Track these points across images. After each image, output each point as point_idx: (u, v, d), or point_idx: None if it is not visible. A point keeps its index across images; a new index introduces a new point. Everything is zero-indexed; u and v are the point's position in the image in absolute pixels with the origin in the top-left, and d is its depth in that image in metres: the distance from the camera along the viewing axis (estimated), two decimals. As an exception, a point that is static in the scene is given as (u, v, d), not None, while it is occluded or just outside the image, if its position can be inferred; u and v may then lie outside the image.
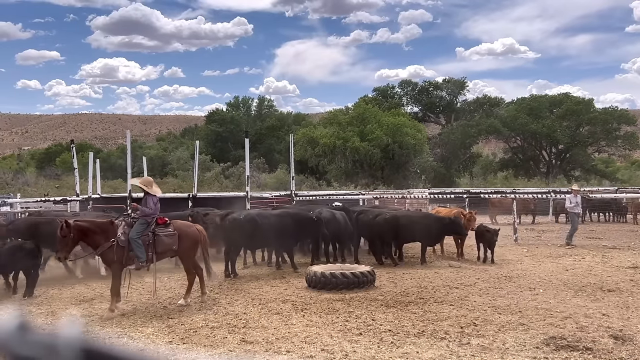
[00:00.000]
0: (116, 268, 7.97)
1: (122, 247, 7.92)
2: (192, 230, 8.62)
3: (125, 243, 7.92)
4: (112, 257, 7.92)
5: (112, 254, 7.89)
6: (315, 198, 18.99)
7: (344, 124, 42.82)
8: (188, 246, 8.46)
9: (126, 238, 7.93)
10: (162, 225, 8.27)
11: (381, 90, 53.08)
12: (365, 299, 8.45)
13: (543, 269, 11.25)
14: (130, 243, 7.93)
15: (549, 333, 6.50)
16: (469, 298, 8.55)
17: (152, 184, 8.50)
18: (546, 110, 46.95)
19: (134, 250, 7.94)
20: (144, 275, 10.26)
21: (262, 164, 45.97)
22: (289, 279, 10.32)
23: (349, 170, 40.50)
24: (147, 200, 8.28)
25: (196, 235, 8.60)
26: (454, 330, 6.70)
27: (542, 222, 22.71)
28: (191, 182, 19.81)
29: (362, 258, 12.31)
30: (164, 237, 8.18)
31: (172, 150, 52.80)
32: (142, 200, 8.38)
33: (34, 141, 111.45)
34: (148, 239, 8.07)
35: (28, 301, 8.72)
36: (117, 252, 7.88)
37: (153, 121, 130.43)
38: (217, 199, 17.32)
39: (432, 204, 21.48)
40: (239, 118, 54.67)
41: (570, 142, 46.71)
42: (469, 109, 51.06)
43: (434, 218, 12.92)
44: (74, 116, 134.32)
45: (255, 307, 8.04)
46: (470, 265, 11.91)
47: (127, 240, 7.93)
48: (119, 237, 7.91)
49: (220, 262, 11.13)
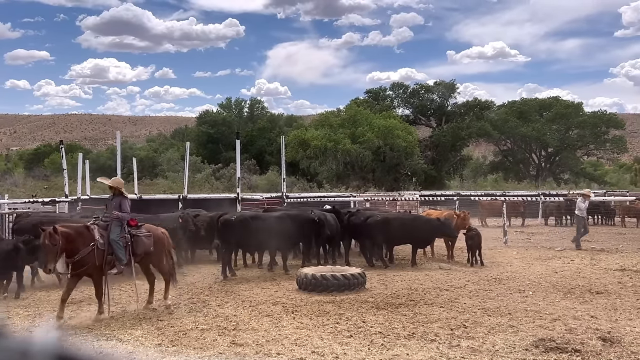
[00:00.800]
0: (97, 274, 7.62)
1: (102, 250, 7.59)
2: (160, 233, 8.50)
3: (104, 246, 7.59)
4: (93, 262, 7.51)
5: (93, 258, 7.51)
6: (307, 200, 18.97)
7: (336, 126, 42.86)
8: (160, 248, 8.33)
9: (105, 241, 7.62)
10: (135, 227, 8.02)
11: (373, 92, 53.21)
12: (355, 301, 8.45)
13: (532, 272, 11.31)
14: (110, 246, 7.64)
15: (538, 335, 6.54)
16: (459, 300, 8.57)
17: (122, 184, 8.22)
18: (536, 113, 47.30)
19: (116, 253, 7.67)
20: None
21: (253, 165, 45.86)
22: (279, 281, 10.29)
23: (340, 172, 40.53)
24: (122, 203, 7.97)
25: (164, 237, 8.48)
26: (444, 332, 6.72)
27: (531, 224, 22.85)
28: (181, 184, 19.72)
29: (353, 260, 12.30)
30: (143, 238, 7.98)
31: (163, 152, 52.52)
32: (114, 201, 8.01)
33: (22, 141, 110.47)
34: (126, 240, 7.82)
35: (15, 303, 8.62)
36: (97, 257, 7.54)
37: (143, 122, 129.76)
38: (208, 201, 17.25)
39: (423, 206, 21.54)
40: (231, 119, 54.53)
41: (560, 145, 47.08)
42: (460, 112, 51.28)
43: (425, 220, 12.96)
44: (64, 116, 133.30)
45: (246, 310, 8.01)
46: (460, 267, 11.95)
47: (106, 243, 7.62)
48: (97, 240, 7.57)
49: (208, 263, 11.10)
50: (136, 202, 16.46)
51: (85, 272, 7.61)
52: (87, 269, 7.57)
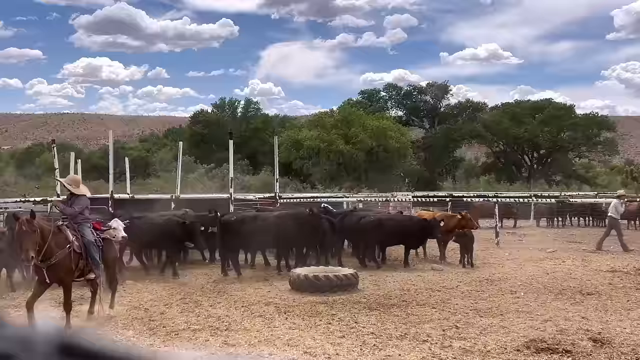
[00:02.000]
0: (68, 279, 7.03)
1: (78, 253, 7.01)
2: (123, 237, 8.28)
3: (80, 249, 7.02)
4: (69, 266, 6.89)
5: (69, 262, 6.89)
6: (300, 200, 18.96)
7: (329, 127, 42.89)
8: (118, 254, 8.07)
9: (80, 243, 7.04)
10: (100, 231, 7.55)
11: (367, 93, 53.31)
12: (348, 302, 8.46)
13: (524, 273, 11.36)
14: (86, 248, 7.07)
15: (530, 336, 6.57)
16: (451, 301, 8.60)
17: (78, 182, 7.61)
18: (528, 115, 47.56)
19: (92, 256, 7.11)
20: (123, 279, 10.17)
21: (247, 165, 45.78)
22: (272, 282, 10.28)
23: (333, 173, 40.56)
24: (73, 201, 7.37)
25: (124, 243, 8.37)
26: (436, 333, 6.73)
27: (523, 226, 22.96)
28: (174, 184, 19.64)
29: (346, 261, 12.31)
30: (114, 244, 7.64)
31: (155, 152, 52.33)
32: (68, 200, 7.54)
33: (14, 141, 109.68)
34: (99, 244, 7.33)
35: (6, 303, 8.56)
36: (74, 260, 6.96)
37: (136, 122, 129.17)
38: (201, 201, 17.19)
39: (416, 207, 21.59)
40: (224, 120, 54.41)
41: (552, 147, 47.37)
42: (453, 114, 51.49)
43: (417, 221, 12.98)
44: (56, 116, 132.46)
45: (238, 310, 8.00)
46: (453, 268, 11.98)
47: (81, 246, 7.04)
48: (72, 242, 6.97)
49: (200, 264, 11.08)
50: (129, 201, 16.39)
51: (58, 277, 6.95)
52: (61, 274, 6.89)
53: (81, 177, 19.10)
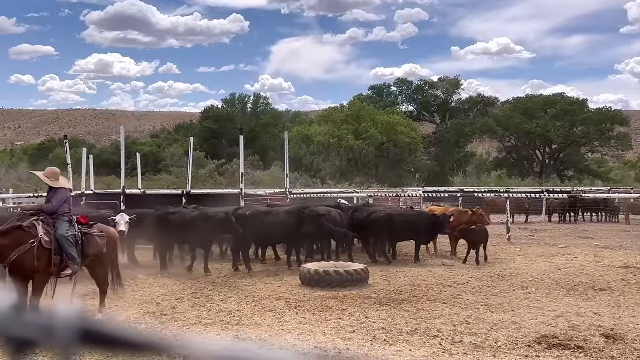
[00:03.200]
0: (38, 277, 6.57)
1: (47, 249, 6.56)
2: (113, 232, 7.83)
3: (50, 244, 6.58)
4: (31, 262, 6.45)
5: (31, 258, 6.45)
6: (310, 196, 18.99)
7: (339, 122, 42.85)
8: (111, 250, 7.48)
9: (51, 238, 6.61)
10: (86, 225, 7.14)
11: (377, 88, 53.15)
12: (358, 297, 8.46)
13: (535, 268, 11.30)
14: (58, 243, 6.66)
15: (541, 331, 6.54)
16: (462, 296, 8.58)
17: (57, 175, 7.18)
18: (540, 110, 47.16)
19: (66, 250, 6.69)
20: (136, 272, 10.25)
21: (257, 161, 45.89)
22: (282, 276, 10.31)
23: (343, 168, 40.54)
24: (52, 195, 6.98)
25: (116, 238, 7.77)
26: (446, 328, 6.72)
27: (535, 221, 22.81)
28: (185, 179, 19.75)
29: (356, 256, 12.31)
30: (96, 238, 7.08)
31: (166, 147, 52.60)
32: (48, 194, 7.15)
33: (26, 136, 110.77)
34: (77, 238, 6.88)
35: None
36: (38, 256, 6.48)
37: (147, 117, 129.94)
38: (211, 196, 17.29)
39: (426, 203, 21.54)
40: (234, 115, 54.54)
41: (564, 142, 46.97)
42: (464, 108, 51.19)
43: (428, 216, 12.94)
44: (68, 111, 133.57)
45: (249, 304, 8.03)
46: (464, 263, 11.93)
47: (52, 241, 6.62)
48: (41, 237, 6.53)
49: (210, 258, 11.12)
50: (140, 196, 16.51)
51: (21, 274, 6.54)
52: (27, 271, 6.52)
53: (93, 172, 19.25)
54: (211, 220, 10.67)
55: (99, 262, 7.27)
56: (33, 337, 0.71)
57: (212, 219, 10.67)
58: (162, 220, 11.11)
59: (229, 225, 10.50)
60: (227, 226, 10.55)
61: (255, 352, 0.72)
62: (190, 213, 11.42)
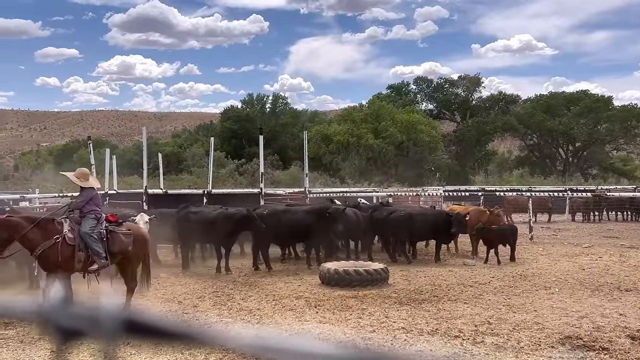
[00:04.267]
0: (62, 271, 6.84)
1: (71, 245, 6.88)
2: (143, 233, 7.87)
3: (74, 241, 6.90)
4: (55, 257, 6.80)
5: (55, 253, 6.81)
6: (330, 195, 19.01)
7: (358, 121, 42.77)
8: (140, 249, 7.53)
9: (75, 235, 6.93)
10: (115, 223, 7.35)
11: (396, 87, 52.90)
12: (378, 297, 8.45)
13: (559, 268, 11.14)
14: (83, 240, 6.95)
15: (565, 332, 6.44)
16: (484, 296, 8.50)
17: (87, 175, 7.51)
18: (563, 107, 46.42)
19: (91, 247, 6.96)
20: (158, 271, 10.39)
21: (276, 160, 46.05)
22: (302, 276, 10.34)
23: (362, 168, 40.45)
24: (80, 194, 7.38)
25: (147, 239, 7.77)
26: (467, 328, 6.67)
27: (558, 220, 22.47)
28: (206, 179, 19.94)
29: (376, 256, 12.28)
30: (121, 236, 7.23)
31: (187, 147, 53.11)
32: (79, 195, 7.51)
33: (52, 138, 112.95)
34: (102, 235, 7.09)
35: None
36: (61, 252, 6.82)
37: (169, 118, 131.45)
38: (232, 196, 17.42)
39: (447, 202, 21.37)
40: (254, 115, 54.83)
41: (588, 139, 46.14)
42: (485, 106, 50.64)
43: (448, 215, 12.83)
44: (91, 113, 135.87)
45: (269, 303, 8.08)
46: (485, 263, 11.82)
47: (76, 237, 6.93)
48: (65, 233, 6.87)
49: (231, 258, 11.19)
50: (162, 196, 16.72)
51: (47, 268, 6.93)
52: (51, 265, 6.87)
53: (116, 173, 19.55)
54: (232, 218, 10.75)
55: (127, 261, 7.47)
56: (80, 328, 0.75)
57: (234, 217, 10.76)
58: (184, 219, 11.23)
59: (250, 222, 10.58)
60: (248, 224, 10.63)
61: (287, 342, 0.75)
62: (212, 212, 11.51)
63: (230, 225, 10.69)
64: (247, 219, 10.59)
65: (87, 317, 0.76)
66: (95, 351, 0.79)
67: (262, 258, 11.17)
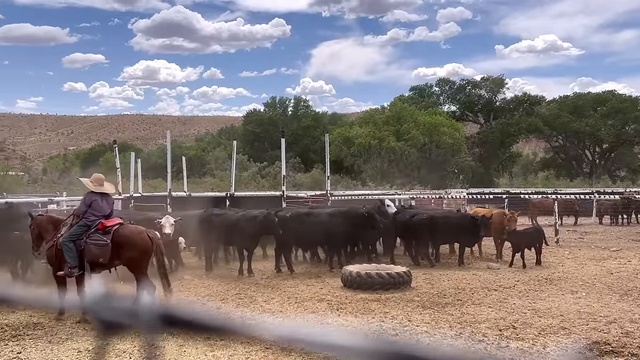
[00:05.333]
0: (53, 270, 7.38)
1: (60, 249, 7.25)
2: (139, 238, 7.42)
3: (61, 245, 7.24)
4: (52, 259, 7.37)
5: (51, 255, 7.36)
6: (352, 197, 18.98)
7: (380, 124, 42.62)
8: (132, 256, 7.31)
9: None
10: (101, 232, 7.28)
11: (419, 89, 52.58)
12: (401, 300, 8.40)
13: (586, 272, 10.92)
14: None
15: (592, 338, 6.31)
16: (508, 300, 8.38)
17: (101, 181, 7.70)
18: (590, 108, 45.54)
19: (64, 255, 7.19)
20: (182, 273, 10.51)
21: (298, 163, 46.18)
22: (324, 278, 10.34)
23: (384, 170, 40.27)
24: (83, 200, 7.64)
25: (145, 244, 7.39)
26: (492, 332, 6.59)
27: (585, 223, 22.03)
28: (229, 182, 20.09)
29: (398, 259, 12.21)
30: (91, 246, 7.20)
31: (211, 150, 53.64)
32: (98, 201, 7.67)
33: (78, 142, 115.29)
34: (80, 244, 7.21)
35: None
36: (55, 255, 7.29)
37: (192, 122, 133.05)
38: (254, 198, 17.52)
39: (471, 205, 21.13)
40: (276, 118, 55.10)
41: (616, 141, 45.17)
42: (509, 108, 49.97)
43: (472, 218, 12.70)
44: (117, 117, 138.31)
45: (291, 306, 8.10)
46: (510, 267, 11.65)
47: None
48: (58, 237, 7.34)
49: (254, 260, 11.26)
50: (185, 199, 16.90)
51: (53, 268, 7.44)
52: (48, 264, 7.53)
53: (141, 176, 19.84)
54: (254, 220, 10.82)
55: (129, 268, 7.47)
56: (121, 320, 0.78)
57: (256, 220, 10.82)
58: (207, 222, 11.34)
59: (272, 225, 10.63)
60: (270, 226, 10.69)
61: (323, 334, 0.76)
62: (235, 214, 11.60)
63: (253, 227, 10.76)
64: (269, 222, 10.65)
65: (127, 310, 0.80)
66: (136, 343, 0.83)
67: (284, 260, 11.21)
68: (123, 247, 7.25)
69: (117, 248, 7.23)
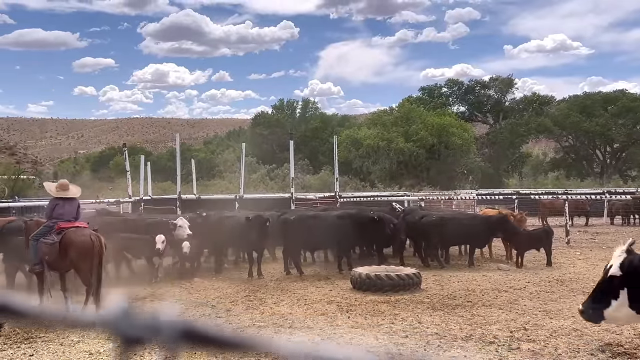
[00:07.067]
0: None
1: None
2: (80, 240, 7.59)
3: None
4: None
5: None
6: (360, 199, 18.96)
7: (388, 125, 42.56)
8: (72, 257, 7.58)
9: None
10: (55, 233, 7.75)
11: (427, 89, 52.44)
12: (411, 302, 8.37)
13: (597, 273, 10.75)
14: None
15: (605, 339, 6.25)
16: (519, 302, 8.32)
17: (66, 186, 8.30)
18: (600, 108, 45.18)
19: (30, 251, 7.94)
20: (193, 275, 10.55)
21: (307, 165, 46.20)
22: (333, 280, 10.33)
23: (393, 172, 40.19)
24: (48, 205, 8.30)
25: (84, 246, 7.53)
26: (503, 334, 6.54)
27: (596, 224, 21.84)
28: (238, 184, 20.16)
29: (408, 260, 12.17)
30: (42, 245, 7.75)
31: (220, 153, 53.82)
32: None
33: (89, 145, 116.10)
34: (39, 244, 7.79)
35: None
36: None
37: (201, 125, 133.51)
38: (263, 200, 17.56)
39: (480, 206, 21.04)
40: (284, 120, 55.19)
41: (627, 140, 44.78)
42: (518, 108, 49.72)
43: (482, 219, 12.64)
44: (126, 120, 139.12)
45: (301, 308, 8.10)
46: (520, 268, 11.58)
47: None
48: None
49: (263, 262, 11.26)
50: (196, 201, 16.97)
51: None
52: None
53: (150, 179, 19.92)
54: (265, 223, 10.84)
55: (74, 269, 7.86)
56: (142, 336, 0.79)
57: (267, 222, 10.84)
58: (217, 224, 11.38)
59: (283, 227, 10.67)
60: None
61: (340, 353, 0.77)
62: (244, 217, 11.61)
63: (262, 229, 10.77)
64: (280, 224, 10.68)
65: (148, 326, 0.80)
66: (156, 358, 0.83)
67: (293, 263, 11.21)
68: (67, 248, 7.61)
69: (63, 248, 7.62)
